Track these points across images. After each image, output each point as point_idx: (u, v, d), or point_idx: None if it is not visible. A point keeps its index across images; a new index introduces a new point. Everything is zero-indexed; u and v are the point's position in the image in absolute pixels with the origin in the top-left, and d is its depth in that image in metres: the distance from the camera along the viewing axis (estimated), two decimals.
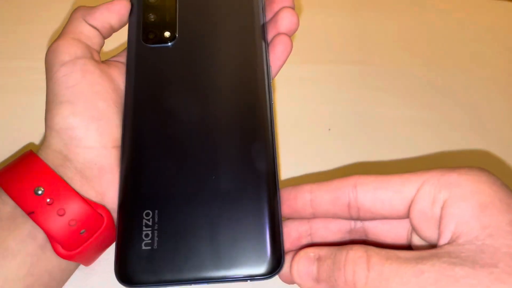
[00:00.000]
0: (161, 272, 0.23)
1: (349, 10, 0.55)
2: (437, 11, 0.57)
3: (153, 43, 0.28)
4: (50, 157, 0.25)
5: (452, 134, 0.44)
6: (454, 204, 0.19)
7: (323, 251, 0.21)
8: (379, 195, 0.21)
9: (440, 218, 0.20)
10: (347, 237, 0.25)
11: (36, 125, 0.38)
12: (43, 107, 0.39)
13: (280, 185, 0.25)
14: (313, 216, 0.24)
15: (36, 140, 0.38)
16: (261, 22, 0.28)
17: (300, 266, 0.22)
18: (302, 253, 0.22)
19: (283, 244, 0.24)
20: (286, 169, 0.34)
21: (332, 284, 0.20)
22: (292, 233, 0.25)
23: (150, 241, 0.23)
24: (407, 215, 0.21)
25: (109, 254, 0.29)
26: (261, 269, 0.23)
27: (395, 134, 0.43)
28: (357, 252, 0.20)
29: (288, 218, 0.26)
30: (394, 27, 0.54)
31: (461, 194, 0.19)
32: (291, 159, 0.38)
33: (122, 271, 0.23)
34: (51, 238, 0.24)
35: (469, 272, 0.17)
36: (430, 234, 0.21)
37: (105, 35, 0.29)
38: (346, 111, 0.44)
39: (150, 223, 0.24)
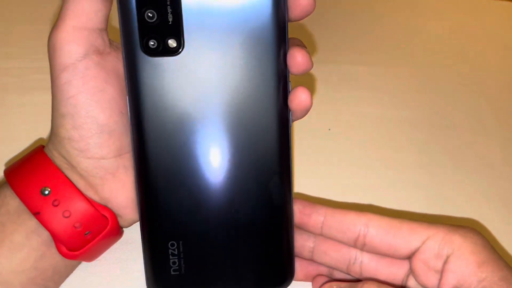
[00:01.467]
0: None
1: (349, 10, 0.55)
2: (437, 11, 0.57)
3: (156, 54, 0.23)
4: (56, 159, 0.26)
5: (452, 134, 0.44)
6: (457, 262, 0.24)
7: (343, 285, 0.25)
8: (388, 239, 0.25)
9: (443, 271, 0.24)
10: (344, 268, 0.28)
11: (36, 124, 0.38)
12: (43, 106, 0.40)
13: None
14: (321, 235, 0.27)
15: (29, 142, 0.38)
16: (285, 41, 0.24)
17: None
18: (327, 285, 0.26)
19: (294, 269, 0.27)
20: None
21: None
22: (297, 244, 0.28)
23: (177, 267, 0.26)
24: (407, 258, 0.26)
25: (109, 254, 0.29)
26: (278, 284, 0.27)
27: (395, 134, 0.43)
28: (371, 286, 0.23)
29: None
30: (394, 27, 0.54)
31: (463, 254, 0.24)
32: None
33: None
34: (56, 239, 0.24)
35: None
36: (429, 281, 0.25)
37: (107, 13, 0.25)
38: (346, 111, 0.44)
39: (176, 253, 0.26)
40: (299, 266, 0.28)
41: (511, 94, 0.48)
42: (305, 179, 0.38)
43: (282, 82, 0.24)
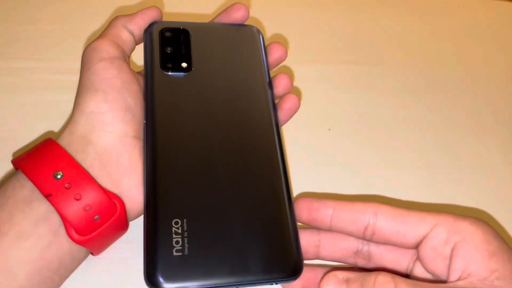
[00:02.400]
0: (193, 276, 0.24)
1: (349, 10, 0.55)
2: (437, 11, 0.57)
3: (171, 71, 0.30)
4: (73, 143, 0.27)
5: (452, 134, 0.44)
6: (466, 248, 0.23)
7: (351, 274, 0.24)
8: (397, 226, 0.25)
9: (451, 257, 0.23)
10: (352, 257, 0.28)
11: (36, 124, 0.38)
12: (44, 106, 0.40)
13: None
14: (329, 229, 0.27)
15: (29, 142, 0.38)
16: (265, 66, 0.32)
17: (329, 286, 0.23)
18: (332, 274, 0.24)
19: (301, 250, 0.26)
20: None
21: None
22: (301, 241, 0.27)
23: (180, 247, 0.24)
24: (415, 247, 0.25)
25: (110, 253, 0.29)
26: (286, 271, 0.25)
27: (395, 134, 0.43)
28: (385, 277, 0.22)
29: (306, 227, 0.28)
30: (394, 27, 0.54)
31: (472, 240, 0.23)
32: (291, 159, 0.38)
33: (152, 276, 0.24)
34: (66, 221, 0.25)
35: None
36: (437, 268, 0.24)
37: (137, 41, 0.32)
38: (346, 111, 0.44)
39: (179, 231, 0.25)
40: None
41: (511, 94, 0.48)
42: (305, 179, 0.38)
43: (269, 94, 0.31)
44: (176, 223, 0.25)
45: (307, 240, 0.28)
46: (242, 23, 0.33)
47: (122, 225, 0.27)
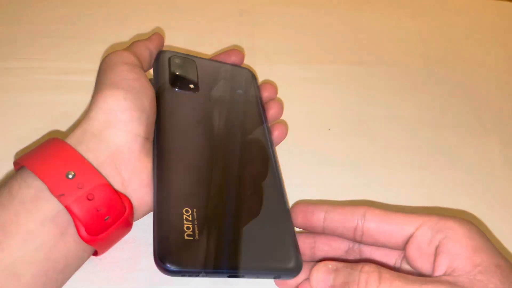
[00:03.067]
0: (203, 260, 0.25)
1: (349, 10, 0.55)
2: (437, 11, 0.57)
3: (180, 89, 0.34)
4: (85, 140, 0.27)
5: (451, 133, 0.44)
6: (450, 244, 0.24)
7: (340, 264, 0.25)
8: (384, 227, 0.26)
9: (436, 254, 0.24)
10: (344, 255, 0.29)
11: (36, 124, 0.38)
12: (44, 106, 0.40)
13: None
14: (323, 231, 0.29)
15: (30, 142, 0.38)
16: (259, 98, 0.37)
17: (319, 274, 0.25)
18: (322, 264, 0.25)
19: (299, 250, 0.28)
20: (287, 169, 0.34)
21: None
22: (299, 243, 0.29)
23: (191, 232, 0.26)
24: (402, 247, 0.26)
25: (109, 253, 0.29)
26: (289, 267, 0.27)
27: (395, 134, 0.43)
28: (371, 268, 0.24)
29: (301, 232, 0.30)
30: (393, 27, 0.54)
31: (456, 237, 0.24)
32: (291, 159, 0.38)
33: (165, 257, 0.24)
34: (77, 220, 0.25)
35: None
36: (423, 266, 0.25)
37: (151, 61, 0.35)
38: (346, 111, 0.44)
39: (190, 219, 0.26)
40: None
41: (511, 94, 0.48)
42: (305, 179, 0.38)
43: (263, 113, 0.36)
44: (187, 211, 0.27)
45: (303, 242, 0.30)
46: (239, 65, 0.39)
47: (128, 225, 0.28)
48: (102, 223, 0.25)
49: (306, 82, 0.46)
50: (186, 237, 0.25)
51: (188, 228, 0.26)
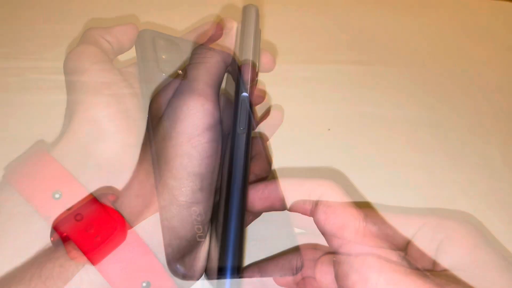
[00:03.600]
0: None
1: (349, 10, 0.55)
2: (437, 11, 0.57)
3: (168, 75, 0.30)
4: (71, 155, 0.26)
5: (451, 134, 0.44)
6: (450, 243, 0.25)
7: (343, 257, 0.25)
8: (385, 230, 0.26)
9: (437, 253, 0.25)
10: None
11: (36, 124, 0.38)
12: (43, 106, 0.40)
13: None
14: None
15: (37, 139, 0.38)
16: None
17: (323, 266, 0.26)
18: (327, 256, 0.26)
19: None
20: (286, 168, 0.34)
21: (347, 282, 0.24)
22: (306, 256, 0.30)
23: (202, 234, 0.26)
24: (404, 249, 0.27)
25: None
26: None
27: (395, 134, 0.43)
28: (373, 258, 0.24)
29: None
30: (393, 27, 0.54)
31: (456, 236, 0.25)
32: (291, 159, 0.38)
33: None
34: (66, 242, 0.24)
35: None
36: (424, 266, 0.26)
37: (116, 52, 0.30)
38: (346, 111, 0.44)
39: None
40: None
41: (511, 94, 0.48)
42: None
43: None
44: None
45: (313, 257, 0.29)
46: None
47: (121, 239, 0.26)
48: (92, 242, 0.24)
49: (306, 82, 0.46)
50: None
51: (198, 229, 0.26)
